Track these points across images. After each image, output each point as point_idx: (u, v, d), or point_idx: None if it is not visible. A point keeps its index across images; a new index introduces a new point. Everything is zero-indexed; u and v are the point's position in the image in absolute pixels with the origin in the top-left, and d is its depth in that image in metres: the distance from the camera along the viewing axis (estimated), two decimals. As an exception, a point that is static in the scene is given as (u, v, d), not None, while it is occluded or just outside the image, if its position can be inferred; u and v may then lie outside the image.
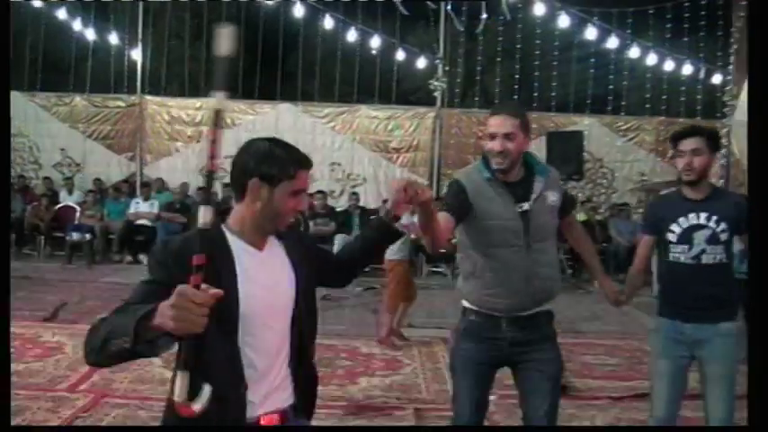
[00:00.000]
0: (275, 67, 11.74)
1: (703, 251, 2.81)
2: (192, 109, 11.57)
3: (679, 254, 2.85)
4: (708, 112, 11.41)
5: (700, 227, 2.81)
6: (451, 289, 8.91)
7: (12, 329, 5.51)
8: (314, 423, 1.97)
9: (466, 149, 11.74)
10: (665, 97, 11.70)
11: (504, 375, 2.68)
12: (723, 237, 2.81)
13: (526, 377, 2.55)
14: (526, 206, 2.49)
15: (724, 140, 11.58)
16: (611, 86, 11.81)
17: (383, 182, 11.68)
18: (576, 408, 4.22)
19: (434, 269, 10.32)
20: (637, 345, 5.73)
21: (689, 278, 2.83)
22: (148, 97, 11.66)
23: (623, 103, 11.88)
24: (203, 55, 12.07)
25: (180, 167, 11.56)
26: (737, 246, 5.26)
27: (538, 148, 10.78)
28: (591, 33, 10.76)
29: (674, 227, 2.84)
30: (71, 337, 5.48)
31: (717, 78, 11.16)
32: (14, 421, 3.63)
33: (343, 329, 6.32)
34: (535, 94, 11.92)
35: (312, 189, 11.38)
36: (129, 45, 11.69)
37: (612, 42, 10.84)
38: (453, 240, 2.80)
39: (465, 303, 2.65)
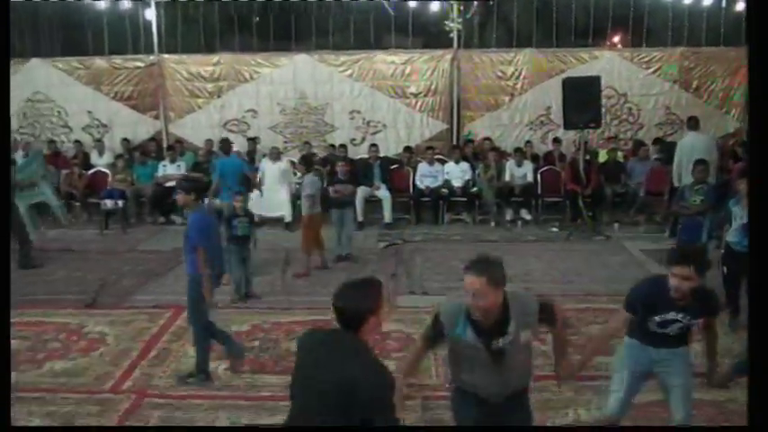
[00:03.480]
0: (288, 19, 11.64)
1: (672, 330, 3.43)
2: (210, 65, 11.65)
3: (653, 327, 3.44)
4: (731, 40, 11.02)
5: (675, 321, 3.39)
6: (473, 242, 9.10)
7: (59, 319, 6.05)
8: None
9: (486, 91, 11.65)
10: (686, 25, 11.30)
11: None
12: (691, 325, 3.43)
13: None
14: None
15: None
16: (631, 17, 11.41)
17: (402, 128, 11.74)
18: (575, 391, 4.51)
19: (456, 217, 10.52)
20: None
21: (658, 336, 3.47)
22: (166, 56, 11.75)
23: (644, 35, 11.51)
24: (216, 10, 11.97)
25: (204, 123, 11.78)
26: (738, 222, 5.33)
27: (555, 94, 10.65)
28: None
29: (657, 317, 3.39)
30: (112, 326, 5.93)
31: (740, 6, 10.72)
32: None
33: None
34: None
35: (335, 140, 11.56)
36: (142, 5, 11.70)
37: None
38: None
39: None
